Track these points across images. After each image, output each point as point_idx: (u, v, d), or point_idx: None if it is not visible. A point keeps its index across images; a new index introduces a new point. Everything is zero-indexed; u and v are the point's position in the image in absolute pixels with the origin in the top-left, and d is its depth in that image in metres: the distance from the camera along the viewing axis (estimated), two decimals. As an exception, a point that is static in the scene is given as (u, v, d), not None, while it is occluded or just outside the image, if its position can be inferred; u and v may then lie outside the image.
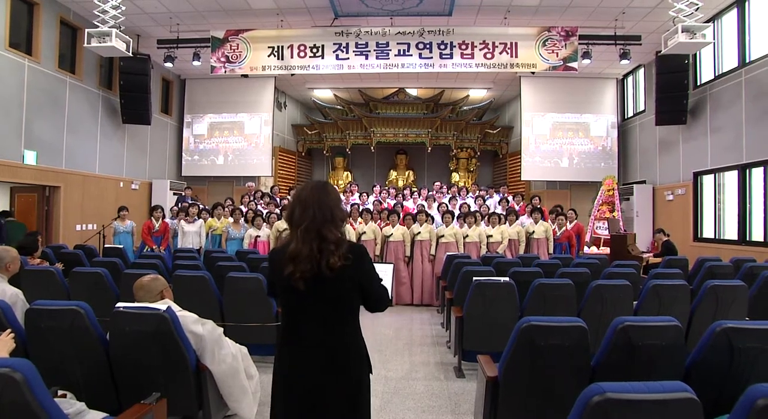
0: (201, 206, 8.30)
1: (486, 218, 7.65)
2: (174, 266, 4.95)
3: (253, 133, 11.73)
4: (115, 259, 5.09)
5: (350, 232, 7.33)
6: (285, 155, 13.25)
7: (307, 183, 1.87)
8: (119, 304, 2.47)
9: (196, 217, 7.64)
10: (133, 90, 9.53)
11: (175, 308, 2.58)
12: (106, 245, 7.29)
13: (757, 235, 7.35)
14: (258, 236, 7.40)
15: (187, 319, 2.58)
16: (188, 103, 11.99)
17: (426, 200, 9.40)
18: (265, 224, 7.53)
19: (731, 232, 7.93)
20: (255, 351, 3.73)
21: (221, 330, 2.77)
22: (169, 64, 9.71)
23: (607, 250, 8.10)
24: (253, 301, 3.95)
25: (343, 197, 10.34)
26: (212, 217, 7.85)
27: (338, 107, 13.63)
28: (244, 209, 8.02)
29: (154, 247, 7.34)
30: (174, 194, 11.02)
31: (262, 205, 9.23)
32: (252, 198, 9.29)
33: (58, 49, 8.25)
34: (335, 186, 1.98)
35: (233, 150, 11.73)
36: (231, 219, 7.64)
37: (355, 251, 1.76)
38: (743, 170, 7.59)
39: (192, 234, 7.45)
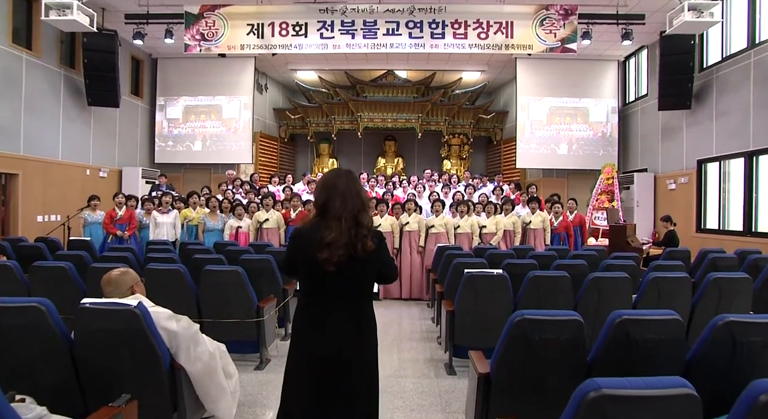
0: (175, 195, 8.20)
1: (483, 207, 7.69)
2: (146, 259, 4.90)
3: (231, 117, 11.63)
4: (81, 252, 5.01)
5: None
6: (266, 141, 13.18)
7: (335, 172, 2.12)
8: (85, 300, 2.44)
9: (170, 207, 7.55)
10: (98, 69, 9.33)
11: (148, 303, 2.55)
12: (71, 238, 7.18)
13: (764, 226, 7.47)
14: (239, 227, 7.37)
15: (160, 315, 2.56)
16: (161, 85, 11.82)
17: (416, 189, 9.41)
18: (246, 214, 7.50)
19: (736, 223, 8.06)
20: (234, 349, 3.72)
21: (197, 326, 2.75)
22: (138, 42, 9.53)
23: (605, 241, 8.19)
24: (232, 296, 3.95)
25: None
26: (187, 207, 7.77)
27: (323, 90, 13.56)
28: (221, 198, 7.96)
29: (118, 233, 7.07)
30: (147, 182, 10.90)
31: (242, 194, 9.18)
32: (229, 187, 9.23)
33: (11, 21, 7.96)
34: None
35: (211, 135, 11.64)
36: (207, 209, 7.58)
37: (378, 234, 2.07)
38: (750, 158, 7.69)
39: (166, 225, 7.37)
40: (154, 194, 8.81)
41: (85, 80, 9.47)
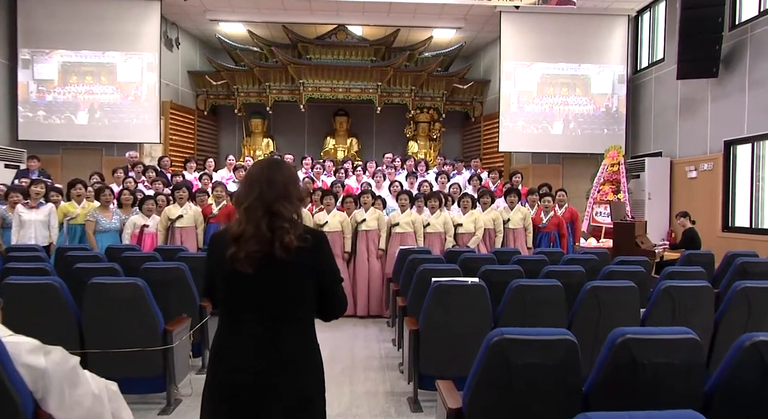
0: (50, 184, 7.92)
1: (456, 200, 7.75)
2: (4, 271, 4.71)
3: (130, 81, 11.35)
4: None
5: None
6: (179, 114, 12.95)
7: (259, 160, 2.22)
8: None
9: (42, 200, 7.29)
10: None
11: (2, 332, 2.44)
12: None
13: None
14: (145, 227, 7.24)
15: (21, 347, 2.44)
16: (24, 33, 11.21)
17: (374, 178, 9.42)
18: (155, 210, 7.40)
19: (772, 220, 8.36)
20: (131, 388, 3.64)
21: (76, 360, 2.64)
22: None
23: (608, 242, 8.39)
24: (129, 317, 3.85)
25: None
26: (68, 200, 7.53)
27: (254, 48, 13.42)
28: (117, 189, 7.75)
29: None
30: (7, 166, 10.44)
31: (146, 183, 8.98)
32: (129, 174, 9.04)
33: None
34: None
35: (101, 104, 11.32)
36: (97, 203, 7.37)
37: (315, 233, 2.08)
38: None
39: (36, 224, 7.09)
40: (17, 182, 8.47)
41: None
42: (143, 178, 9.27)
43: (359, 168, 10.45)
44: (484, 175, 10.22)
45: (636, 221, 8.28)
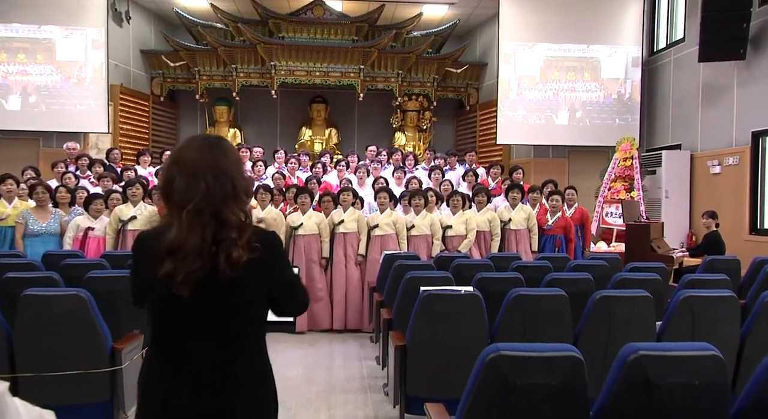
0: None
1: (445, 200, 7.77)
2: None
3: (72, 60, 11.29)
4: None
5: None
6: (131, 100, 12.88)
7: (190, 140, 1.97)
8: None
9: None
10: None
11: None
12: None
13: None
14: (90, 229, 7.18)
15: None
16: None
17: (356, 174, 9.42)
18: (105, 210, 7.37)
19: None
20: (73, 417, 3.60)
21: (5, 385, 2.62)
22: None
23: (620, 247, 8.44)
24: (71, 334, 3.81)
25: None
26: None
27: (218, 25, 13.38)
28: (55, 185, 7.73)
29: None
30: None
31: (92, 179, 8.93)
32: (70, 168, 9.01)
33: None
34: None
35: (37, 87, 11.22)
36: (31, 202, 7.33)
37: (264, 238, 1.92)
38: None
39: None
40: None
41: None
42: (89, 173, 9.17)
43: (339, 163, 10.40)
44: (481, 171, 10.24)
45: (651, 222, 8.34)
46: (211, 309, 1.86)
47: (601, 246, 8.84)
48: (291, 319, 2.24)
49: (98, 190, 8.17)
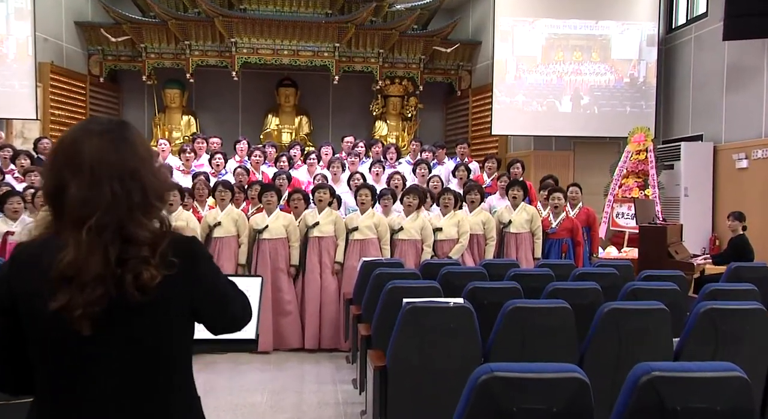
0: None
1: (434, 198, 7.78)
2: None
3: (-9, 34, 11.13)
4: None
5: (191, 224, 7.22)
6: (64, 81, 12.78)
7: (84, 126, 1.74)
8: None
9: None
10: None
11: None
12: None
13: None
14: (10, 233, 7.08)
15: None
16: None
17: (330, 168, 9.40)
18: (26, 211, 7.30)
19: None
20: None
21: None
22: None
23: (633, 252, 8.49)
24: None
25: (174, 160, 10.14)
26: None
27: (168, -7, 13.28)
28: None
29: None
30: None
31: (16, 174, 8.91)
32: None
33: None
34: (141, 134, 1.86)
35: (-53, 65, 11.06)
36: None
37: (181, 249, 1.73)
38: None
39: None
40: None
41: None
42: (12, 167, 9.09)
43: (311, 156, 10.35)
44: (474, 165, 10.24)
45: (668, 224, 8.39)
46: (121, 345, 1.67)
47: (611, 252, 8.90)
48: (252, 336, 2.12)
49: (22, 187, 8.03)
